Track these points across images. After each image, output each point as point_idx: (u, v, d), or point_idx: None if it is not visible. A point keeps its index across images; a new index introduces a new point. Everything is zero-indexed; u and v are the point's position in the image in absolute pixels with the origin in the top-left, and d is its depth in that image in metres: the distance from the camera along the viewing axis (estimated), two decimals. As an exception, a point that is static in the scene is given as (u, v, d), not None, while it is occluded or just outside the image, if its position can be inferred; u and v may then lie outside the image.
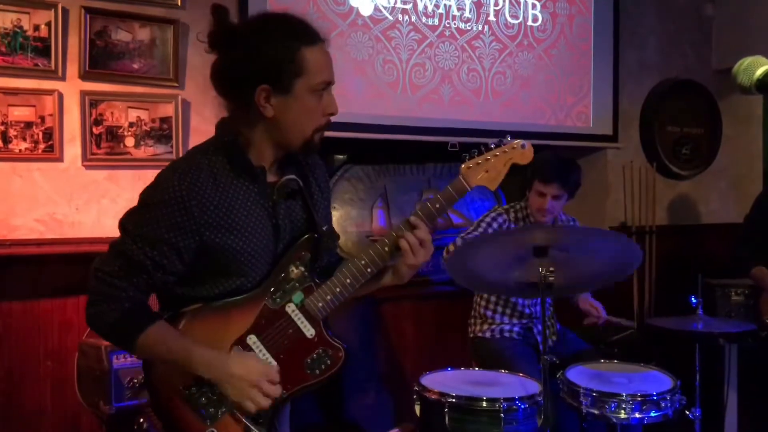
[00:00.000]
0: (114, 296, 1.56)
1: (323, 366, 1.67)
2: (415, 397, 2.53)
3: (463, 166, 1.74)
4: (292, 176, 1.68)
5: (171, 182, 1.56)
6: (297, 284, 1.66)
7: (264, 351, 1.65)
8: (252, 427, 1.61)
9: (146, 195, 1.60)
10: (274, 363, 1.65)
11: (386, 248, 1.69)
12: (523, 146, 1.77)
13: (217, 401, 1.60)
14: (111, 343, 1.66)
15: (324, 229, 1.73)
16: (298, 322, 1.66)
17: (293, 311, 1.66)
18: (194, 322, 1.62)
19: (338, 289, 1.67)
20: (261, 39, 1.56)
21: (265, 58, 1.55)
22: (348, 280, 1.67)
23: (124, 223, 1.61)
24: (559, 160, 3.08)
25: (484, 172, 1.74)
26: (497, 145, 1.77)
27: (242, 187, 1.61)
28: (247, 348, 1.64)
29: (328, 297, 1.67)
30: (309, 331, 1.66)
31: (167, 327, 1.60)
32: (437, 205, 1.71)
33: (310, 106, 1.60)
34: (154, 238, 1.55)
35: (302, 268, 1.67)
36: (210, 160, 1.60)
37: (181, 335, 1.60)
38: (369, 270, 1.68)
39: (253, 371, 1.59)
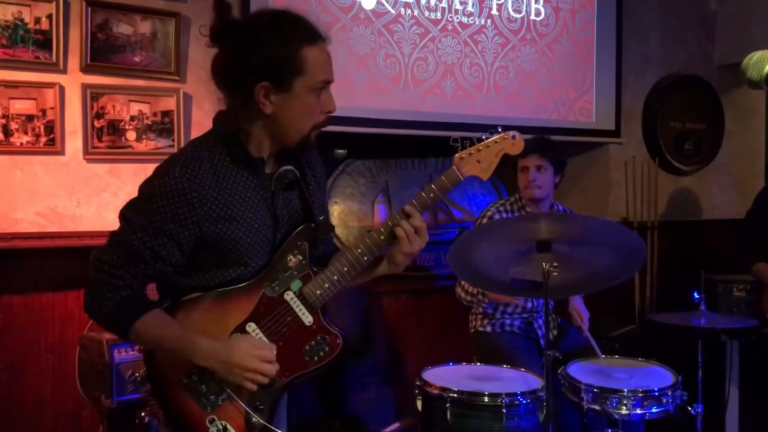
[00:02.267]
0: (112, 285, 1.57)
1: (321, 353, 1.70)
2: (416, 391, 2.53)
3: (456, 156, 1.78)
4: (290, 167, 1.70)
5: (172, 174, 1.57)
6: (295, 273, 1.69)
7: (263, 338, 1.68)
8: (252, 414, 1.63)
9: (147, 186, 1.61)
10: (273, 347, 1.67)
11: (382, 237, 1.71)
12: (513, 137, 1.81)
13: (217, 389, 1.63)
14: (108, 330, 1.67)
15: (321, 219, 1.76)
16: (297, 310, 1.68)
17: (291, 299, 1.68)
18: (193, 311, 1.64)
19: (336, 277, 1.69)
20: (262, 36, 1.58)
21: (266, 56, 1.56)
22: (345, 269, 1.69)
23: (124, 214, 1.62)
24: (534, 137, 3.19)
25: (476, 162, 1.78)
26: (489, 137, 1.81)
27: (241, 178, 1.63)
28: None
29: (326, 285, 1.69)
30: (307, 319, 1.69)
31: (163, 315, 1.62)
32: (431, 195, 1.74)
33: (309, 104, 1.63)
34: (154, 229, 1.56)
35: (300, 257, 1.69)
36: (210, 151, 1.62)
37: (178, 324, 1.62)
38: (365, 258, 1.70)
39: (249, 354, 1.60)
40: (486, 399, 2.38)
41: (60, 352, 3.02)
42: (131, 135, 3.14)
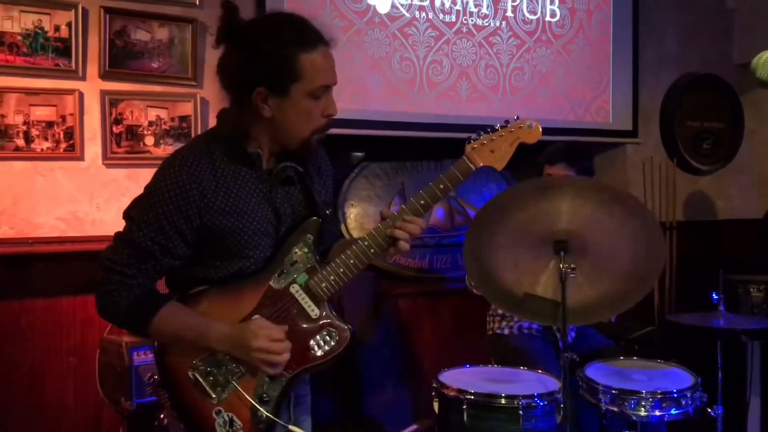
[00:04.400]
0: (125, 284, 1.60)
1: (328, 347, 1.68)
2: (433, 393, 2.53)
3: (467, 146, 1.74)
4: (289, 163, 1.70)
5: (172, 170, 1.61)
6: (301, 266, 1.69)
7: None
8: (258, 406, 1.64)
9: (149, 185, 1.65)
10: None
11: (388, 231, 1.70)
12: (530, 126, 1.76)
13: (223, 381, 1.64)
14: (124, 329, 1.70)
15: (327, 212, 1.76)
16: (303, 303, 1.68)
17: (297, 292, 1.68)
18: (201, 303, 1.66)
19: (342, 270, 1.69)
20: (262, 41, 1.60)
21: (264, 61, 1.58)
22: (352, 261, 1.69)
23: (128, 213, 1.65)
24: (566, 144, 3.13)
25: (490, 152, 1.73)
26: (503, 126, 1.77)
27: (240, 172, 1.65)
28: None
29: (332, 278, 1.69)
30: (314, 312, 1.69)
31: (179, 306, 1.65)
32: (441, 186, 1.71)
33: (307, 109, 1.62)
34: (158, 223, 1.59)
35: (306, 250, 1.69)
36: (209, 147, 1.65)
37: (194, 312, 1.65)
38: (372, 251, 1.69)
39: (260, 334, 1.61)
40: (503, 401, 2.37)
41: (81, 354, 3.05)
42: (149, 140, 3.17)
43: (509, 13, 4.05)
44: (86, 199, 3.08)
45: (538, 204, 2.30)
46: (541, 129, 1.78)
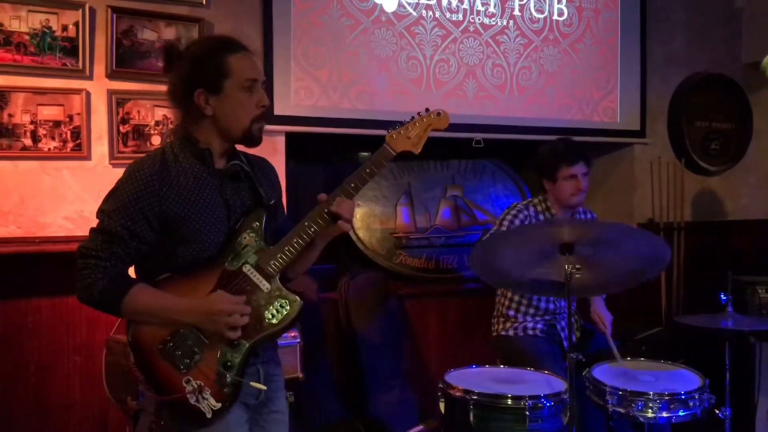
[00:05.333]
0: (99, 266, 1.81)
1: (281, 315, 1.91)
2: (439, 394, 2.53)
3: (387, 135, 2.07)
4: (236, 161, 1.97)
5: (134, 169, 1.86)
6: (250, 248, 1.92)
7: None
8: (223, 371, 1.84)
9: (115, 185, 1.88)
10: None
11: (325, 211, 1.94)
12: (438, 114, 2.09)
13: (189, 353, 1.84)
14: (100, 310, 1.88)
15: (271, 202, 2.00)
16: (255, 279, 1.91)
17: (249, 270, 1.91)
18: (167, 287, 1.87)
19: (287, 248, 1.93)
20: (194, 54, 1.91)
21: (199, 66, 1.88)
22: (295, 240, 1.93)
23: (100, 208, 1.87)
24: (571, 142, 3.20)
25: (407, 138, 2.08)
26: (417, 116, 2.10)
27: (193, 168, 1.90)
28: None
29: (279, 255, 1.92)
30: (265, 286, 1.91)
31: (148, 287, 1.86)
32: (367, 170, 2.01)
33: (242, 100, 1.90)
34: (126, 210, 1.82)
35: (253, 235, 1.93)
36: (164, 151, 1.91)
37: (161, 292, 1.86)
38: (312, 230, 1.93)
39: (222, 301, 1.84)
40: (509, 401, 2.37)
41: (87, 353, 3.06)
42: (156, 140, 3.18)
43: (516, 12, 4.04)
44: (93, 199, 3.09)
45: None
46: (448, 116, 2.10)
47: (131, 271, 1.91)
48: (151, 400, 1.90)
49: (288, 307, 1.92)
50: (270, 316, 1.91)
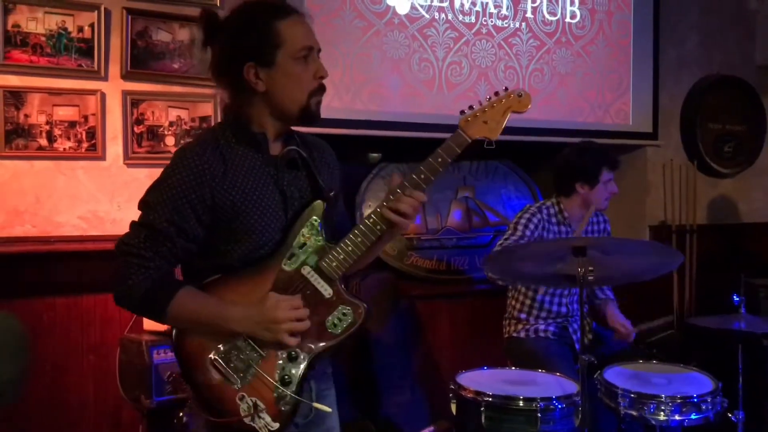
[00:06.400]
0: (143, 266, 1.62)
1: (345, 324, 1.71)
2: (451, 395, 2.53)
3: (461, 120, 1.79)
4: (293, 147, 1.76)
5: (183, 156, 1.67)
6: (310, 248, 1.72)
7: None
8: (280, 387, 1.65)
9: (162, 173, 1.70)
10: None
11: (392, 205, 1.73)
12: (519, 95, 1.80)
13: (243, 366, 1.65)
14: (142, 315, 1.72)
15: (331, 195, 1.79)
16: (315, 283, 1.70)
17: (309, 273, 1.71)
18: (217, 290, 1.68)
19: (350, 248, 1.71)
20: (239, 23, 1.70)
21: (245, 37, 1.67)
22: (359, 239, 1.71)
23: (143, 199, 1.69)
24: (605, 146, 3.31)
25: (483, 123, 1.79)
26: (494, 97, 1.82)
27: (247, 156, 1.71)
28: None
29: (341, 257, 1.71)
30: (326, 291, 1.71)
31: (196, 290, 1.66)
32: (439, 159, 1.75)
33: (297, 72, 1.69)
34: (173, 203, 1.63)
35: (313, 233, 1.72)
36: (215, 134, 1.72)
37: (210, 296, 1.67)
38: (378, 227, 1.72)
39: (278, 306, 1.64)
40: (521, 403, 2.37)
41: (101, 352, 3.08)
42: (170, 140, 3.20)
43: (529, 15, 4.03)
44: (107, 199, 3.11)
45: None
46: (530, 98, 1.83)
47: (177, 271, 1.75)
48: (199, 417, 1.70)
49: (351, 315, 1.71)
50: (332, 325, 1.70)
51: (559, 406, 2.37)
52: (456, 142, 1.77)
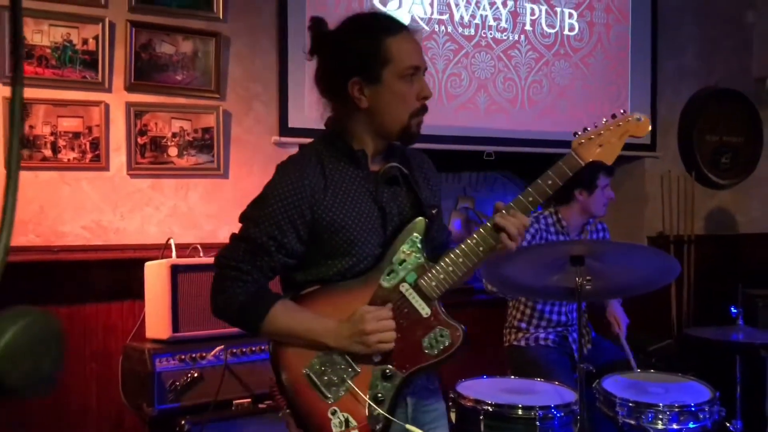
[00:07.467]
0: (240, 279, 1.64)
1: (441, 346, 1.68)
2: (450, 404, 2.54)
3: (574, 142, 1.74)
4: (394, 164, 1.74)
5: (284, 171, 1.68)
6: (409, 265, 1.69)
7: None
8: (374, 405, 1.63)
9: (264, 188, 1.70)
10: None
11: (491, 224, 1.70)
12: (638, 119, 1.75)
13: (337, 381, 1.65)
14: (238, 327, 1.70)
15: (433, 212, 1.78)
16: (413, 301, 1.68)
17: (407, 290, 1.68)
18: (313, 303, 1.68)
19: (451, 269, 1.68)
20: (347, 37, 1.68)
21: (352, 52, 1.65)
22: (461, 260, 1.68)
23: (244, 213, 1.70)
24: None
25: (598, 146, 1.73)
26: (611, 120, 1.76)
27: (347, 172, 1.70)
28: None
29: (442, 276, 1.68)
30: (424, 310, 1.68)
31: (292, 304, 1.67)
32: (549, 182, 1.70)
33: (402, 91, 1.67)
34: (274, 219, 1.63)
35: (413, 249, 1.70)
36: (317, 150, 1.72)
37: (306, 310, 1.67)
38: (481, 249, 1.68)
39: (366, 318, 1.63)
40: (520, 412, 2.39)
41: (104, 360, 3.10)
42: (173, 151, 3.23)
43: (528, 27, 4.08)
44: (110, 209, 3.14)
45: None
46: (649, 122, 1.77)
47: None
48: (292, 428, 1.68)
49: (449, 338, 1.68)
50: (429, 346, 1.67)
51: (558, 415, 2.39)
52: (568, 164, 1.71)
